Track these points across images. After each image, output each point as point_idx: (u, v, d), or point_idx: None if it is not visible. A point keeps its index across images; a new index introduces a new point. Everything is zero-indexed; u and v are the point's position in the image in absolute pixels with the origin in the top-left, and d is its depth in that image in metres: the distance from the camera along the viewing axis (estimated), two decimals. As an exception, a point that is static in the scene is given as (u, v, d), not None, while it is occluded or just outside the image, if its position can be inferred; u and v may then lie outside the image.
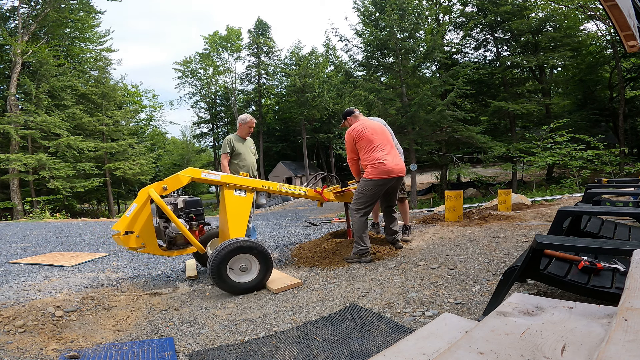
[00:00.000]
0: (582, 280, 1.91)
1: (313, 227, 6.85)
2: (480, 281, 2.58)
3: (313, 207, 17.64)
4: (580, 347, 0.75)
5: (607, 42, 20.78)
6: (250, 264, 2.93)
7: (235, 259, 2.84)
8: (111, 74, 29.92)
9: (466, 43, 23.68)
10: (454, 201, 5.49)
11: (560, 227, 2.45)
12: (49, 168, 20.34)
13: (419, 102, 16.11)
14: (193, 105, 39.77)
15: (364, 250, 3.39)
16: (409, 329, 1.95)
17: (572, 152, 13.72)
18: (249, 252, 2.87)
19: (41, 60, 21.49)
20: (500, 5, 19.70)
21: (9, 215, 19.36)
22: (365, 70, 20.27)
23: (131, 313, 2.55)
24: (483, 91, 23.10)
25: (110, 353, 1.92)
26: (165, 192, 2.97)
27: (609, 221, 3.28)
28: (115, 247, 5.24)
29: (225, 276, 2.77)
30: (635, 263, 1.13)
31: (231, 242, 2.82)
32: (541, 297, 1.02)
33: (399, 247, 3.77)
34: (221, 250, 2.75)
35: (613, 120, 22.65)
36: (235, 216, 3.18)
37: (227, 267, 2.78)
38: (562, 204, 7.03)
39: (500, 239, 3.89)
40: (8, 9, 22.43)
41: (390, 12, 16.67)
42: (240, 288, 2.84)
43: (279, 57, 38.13)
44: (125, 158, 26.53)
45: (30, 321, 2.26)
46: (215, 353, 1.89)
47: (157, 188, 2.94)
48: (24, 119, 20.28)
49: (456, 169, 19.77)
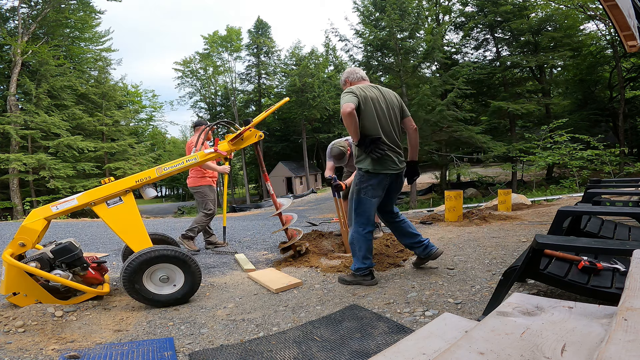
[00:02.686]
0: (582, 280, 1.91)
1: (313, 227, 6.85)
2: (480, 281, 2.58)
3: (313, 207, 17.64)
4: (580, 347, 0.75)
5: (607, 42, 20.79)
6: (172, 274, 2.66)
7: (152, 270, 2.59)
8: (111, 74, 29.98)
9: (466, 43, 23.71)
10: (454, 201, 5.49)
11: (560, 227, 2.45)
12: (49, 168, 20.36)
13: (419, 102, 16.12)
14: (193, 105, 39.82)
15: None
16: (409, 329, 1.95)
17: (572, 152, 13.72)
18: (166, 261, 2.60)
19: (41, 60, 21.51)
20: (500, 5, 19.72)
21: (9, 215, 19.36)
22: (365, 70, 20.24)
23: (131, 313, 2.55)
24: (483, 91, 23.12)
25: (110, 353, 1.92)
26: (26, 248, 2.60)
27: (609, 221, 3.29)
28: (115, 247, 5.24)
29: (142, 290, 2.54)
30: (635, 263, 1.13)
31: (140, 254, 2.54)
32: (541, 297, 1.02)
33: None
34: (131, 263, 2.50)
35: (613, 120, 22.66)
36: (127, 228, 2.75)
37: (143, 279, 2.55)
38: (562, 204, 7.03)
39: (500, 238, 3.89)
40: (8, 9, 22.47)
41: (390, 12, 16.68)
42: (161, 300, 2.61)
43: (279, 57, 38.18)
44: (125, 158, 26.56)
45: (30, 321, 2.26)
46: (215, 353, 1.89)
47: (13, 248, 2.55)
48: (24, 119, 20.30)
49: (456, 169, 19.79)
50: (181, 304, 2.68)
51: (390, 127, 2.73)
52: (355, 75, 2.93)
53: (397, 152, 2.75)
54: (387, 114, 2.72)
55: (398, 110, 2.82)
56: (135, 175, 2.87)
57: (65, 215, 16.96)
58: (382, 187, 2.74)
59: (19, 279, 2.52)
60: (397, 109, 2.81)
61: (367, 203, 2.74)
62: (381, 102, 2.72)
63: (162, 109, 74.54)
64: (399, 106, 2.83)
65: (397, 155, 2.75)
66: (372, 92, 2.72)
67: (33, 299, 2.55)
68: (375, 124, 2.66)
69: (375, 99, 2.69)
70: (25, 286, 2.54)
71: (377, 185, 2.71)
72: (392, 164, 2.71)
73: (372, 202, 2.74)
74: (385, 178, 2.72)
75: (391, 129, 2.73)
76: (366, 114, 2.64)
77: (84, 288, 2.69)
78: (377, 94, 2.73)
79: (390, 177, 2.75)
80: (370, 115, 2.65)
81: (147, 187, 2.95)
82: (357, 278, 2.79)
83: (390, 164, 2.71)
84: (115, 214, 2.75)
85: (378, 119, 2.67)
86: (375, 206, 2.78)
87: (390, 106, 2.76)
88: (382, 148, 2.62)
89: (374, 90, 2.76)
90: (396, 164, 2.74)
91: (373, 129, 2.65)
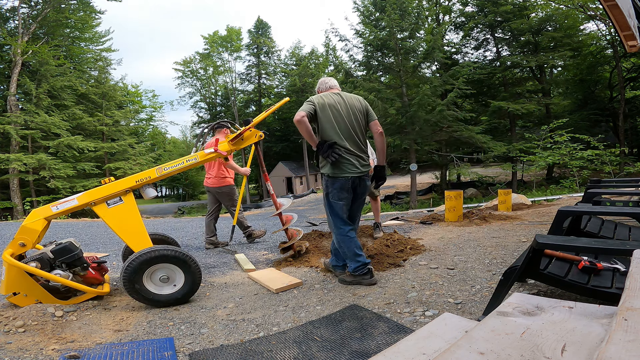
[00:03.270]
0: (582, 280, 1.91)
1: (313, 227, 6.85)
2: (480, 281, 2.58)
3: (313, 207, 17.64)
4: (581, 347, 0.75)
5: (607, 42, 20.79)
6: (172, 274, 2.67)
7: (152, 270, 2.59)
8: (111, 74, 29.99)
9: (466, 43, 23.71)
10: (454, 201, 5.49)
11: (561, 227, 2.45)
12: (49, 168, 20.36)
13: (419, 102, 16.12)
14: (193, 105, 39.85)
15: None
16: (409, 329, 1.95)
17: (572, 152, 13.73)
18: (166, 261, 2.59)
19: (41, 60, 21.52)
20: (500, 5, 19.73)
21: (9, 215, 19.37)
22: (365, 70, 20.28)
23: (131, 313, 2.55)
24: (483, 91, 23.12)
25: (110, 353, 1.92)
26: (26, 248, 2.61)
27: (609, 221, 3.28)
28: (116, 247, 5.24)
29: (142, 290, 2.54)
30: (636, 263, 1.13)
31: (140, 254, 2.55)
32: (541, 297, 1.02)
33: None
34: (131, 263, 2.50)
35: (613, 120, 22.66)
36: (128, 228, 2.75)
37: (143, 279, 2.55)
38: (562, 204, 7.03)
39: (500, 238, 3.88)
40: (8, 9, 22.47)
41: (390, 12, 16.68)
42: (162, 300, 2.61)
43: (279, 57, 38.20)
44: (125, 158, 26.56)
45: (30, 321, 2.26)
46: (215, 353, 1.89)
47: (13, 248, 2.55)
48: (24, 119, 20.30)
49: (456, 169, 19.79)
50: (181, 304, 2.68)
51: (351, 131, 2.77)
52: (325, 85, 3.02)
53: (357, 155, 2.78)
54: (347, 119, 2.76)
55: (362, 115, 2.85)
56: (136, 175, 2.87)
57: (65, 215, 16.95)
58: (345, 190, 2.78)
59: (19, 279, 2.52)
60: (360, 113, 2.84)
61: (336, 206, 2.82)
62: (340, 107, 2.77)
63: (162, 109, 74.66)
64: (362, 110, 2.86)
65: (357, 158, 2.77)
66: (331, 98, 2.79)
67: (33, 299, 2.55)
68: (332, 129, 2.72)
69: (333, 105, 2.75)
70: (25, 286, 2.54)
71: (340, 188, 2.76)
72: (351, 167, 2.74)
73: (340, 205, 2.81)
74: (347, 181, 2.75)
75: (352, 133, 2.77)
76: (323, 120, 2.73)
77: (84, 288, 2.69)
78: (337, 100, 2.79)
79: (351, 180, 2.77)
80: (328, 121, 2.72)
81: (147, 187, 2.95)
82: (356, 278, 2.80)
83: (349, 167, 2.74)
84: (116, 214, 2.75)
85: (336, 124, 2.73)
86: (345, 208, 2.83)
87: (352, 111, 2.80)
88: (336, 152, 2.66)
89: (335, 97, 2.82)
90: (356, 166, 2.76)
91: (330, 133, 2.72)
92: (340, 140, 2.72)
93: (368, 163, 2.87)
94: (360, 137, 2.82)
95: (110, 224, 2.74)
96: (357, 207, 2.95)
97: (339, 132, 2.73)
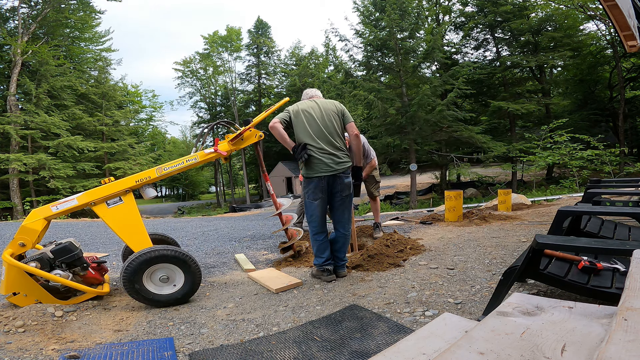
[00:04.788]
0: (582, 280, 1.91)
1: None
2: (480, 281, 2.58)
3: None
4: (580, 347, 0.75)
5: (607, 42, 20.77)
6: (172, 274, 2.67)
7: (152, 270, 2.60)
8: (111, 74, 29.98)
9: (466, 43, 23.67)
10: (454, 201, 5.49)
11: (560, 227, 2.45)
12: (49, 168, 20.35)
13: (419, 102, 16.10)
14: (193, 105, 39.80)
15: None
16: (409, 329, 1.95)
17: (572, 152, 13.73)
18: (166, 261, 2.60)
19: (41, 60, 21.50)
20: (500, 5, 19.70)
21: (9, 215, 19.37)
22: (365, 70, 20.24)
23: (131, 313, 2.55)
24: (483, 91, 23.09)
25: (110, 353, 1.92)
26: (26, 248, 2.60)
27: (609, 221, 3.28)
28: (116, 247, 5.24)
29: (142, 290, 2.55)
30: (635, 263, 1.13)
31: (140, 254, 2.55)
32: (541, 297, 1.02)
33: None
34: (131, 263, 2.50)
35: (613, 120, 22.64)
36: (127, 228, 2.75)
37: (143, 279, 2.55)
38: (562, 204, 7.03)
39: (500, 238, 3.89)
40: (8, 9, 22.46)
41: (390, 12, 16.66)
42: (162, 300, 2.62)
43: (278, 57, 38.16)
44: (125, 158, 26.54)
45: (30, 321, 2.26)
46: (215, 353, 1.89)
47: (13, 248, 2.55)
48: (24, 119, 20.29)
49: (456, 169, 19.76)
50: (181, 304, 2.68)
51: (324, 132, 2.90)
52: (306, 95, 3.25)
53: (331, 153, 2.88)
54: (320, 121, 2.91)
55: (337, 117, 2.98)
56: (135, 175, 2.87)
57: (65, 215, 16.98)
58: (319, 190, 2.90)
59: (19, 279, 2.52)
60: (335, 115, 2.97)
61: (311, 206, 2.95)
62: (313, 111, 2.94)
63: (162, 109, 74.68)
64: (337, 113, 3.00)
65: (331, 156, 2.87)
66: (305, 104, 3.00)
67: (33, 299, 2.55)
68: (304, 131, 2.91)
69: (306, 110, 2.95)
70: (25, 286, 2.54)
71: (314, 188, 2.90)
72: (323, 166, 2.86)
73: (315, 205, 2.93)
74: (320, 181, 2.88)
75: (325, 133, 2.90)
76: (297, 124, 2.95)
77: (84, 288, 2.69)
78: (311, 105, 2.99)
79: (325, 180, 2.88)
80: (300, 125, 2.93)
81: (147, 187, 2.95)
82: (317, 272, 3.06)
83: (321, 167, 2.86)
84: (116, 214, 2.75)
85: (309, 126, 2.90)
86: (320, 208, 2.95)
87: (325, 113, 2.95)
88: (307, 152, 2.83)
89: (309, 102, 3.03)
90: (329, 165, 2.86)
91: (302, 136, 2.91)
92: (312, 141, 2.87)
93: (346, 160, 2.94)
94: (336, 137, 2.94)
95: (110, 224, 2.75)
96: (338, 205, 3.01)
97: (311, 134, 2.89)
